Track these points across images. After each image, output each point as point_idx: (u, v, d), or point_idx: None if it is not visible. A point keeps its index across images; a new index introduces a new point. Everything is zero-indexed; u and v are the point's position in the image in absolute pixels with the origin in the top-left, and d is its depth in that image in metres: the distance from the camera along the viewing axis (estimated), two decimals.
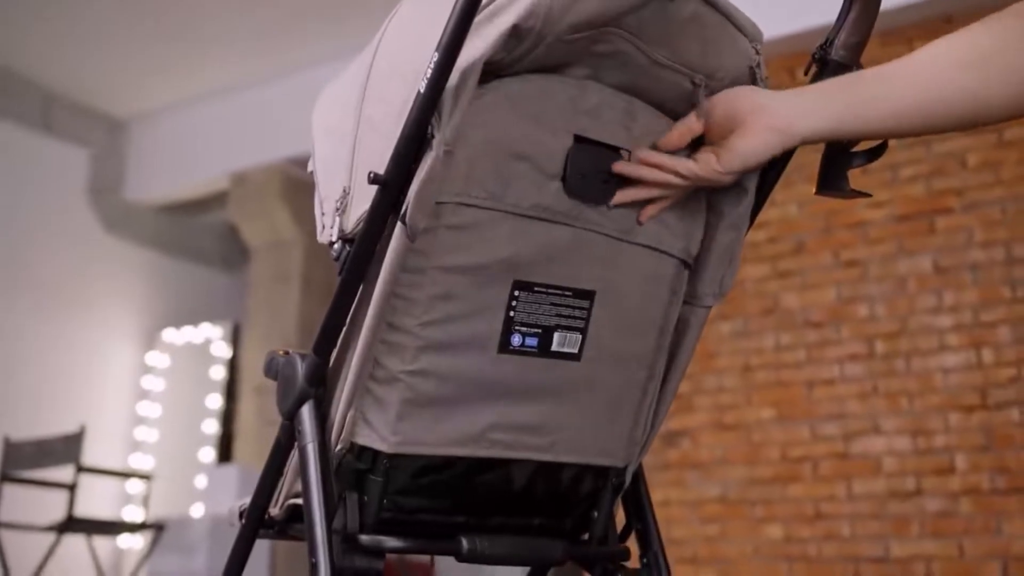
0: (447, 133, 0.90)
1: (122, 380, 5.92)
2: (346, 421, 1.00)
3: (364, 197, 0.96)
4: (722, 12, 1.04)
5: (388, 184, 0.92)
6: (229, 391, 5.97)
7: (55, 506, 4.19)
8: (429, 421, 1.00)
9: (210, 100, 5.80)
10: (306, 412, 1.02)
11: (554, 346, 1.04)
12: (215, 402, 5.99)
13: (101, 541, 4.95)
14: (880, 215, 3.89)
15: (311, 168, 1.16)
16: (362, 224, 0.96)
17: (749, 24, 1.07)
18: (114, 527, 4.72)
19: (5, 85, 5.51)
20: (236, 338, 6.08)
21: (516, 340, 1.02)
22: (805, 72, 1.12)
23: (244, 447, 5.41)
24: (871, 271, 3.89)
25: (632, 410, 1.14)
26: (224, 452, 5.83)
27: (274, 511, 1.12)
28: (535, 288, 1.02)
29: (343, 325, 1.01)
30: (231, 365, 6.04)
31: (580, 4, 0.93)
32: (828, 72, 1.10)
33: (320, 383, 1.03)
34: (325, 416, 1.02)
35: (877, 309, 3.84)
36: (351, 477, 1.01)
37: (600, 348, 1.07)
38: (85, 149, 5.94)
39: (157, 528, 4.38)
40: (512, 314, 1.01)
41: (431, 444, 1.01)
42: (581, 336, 1.05)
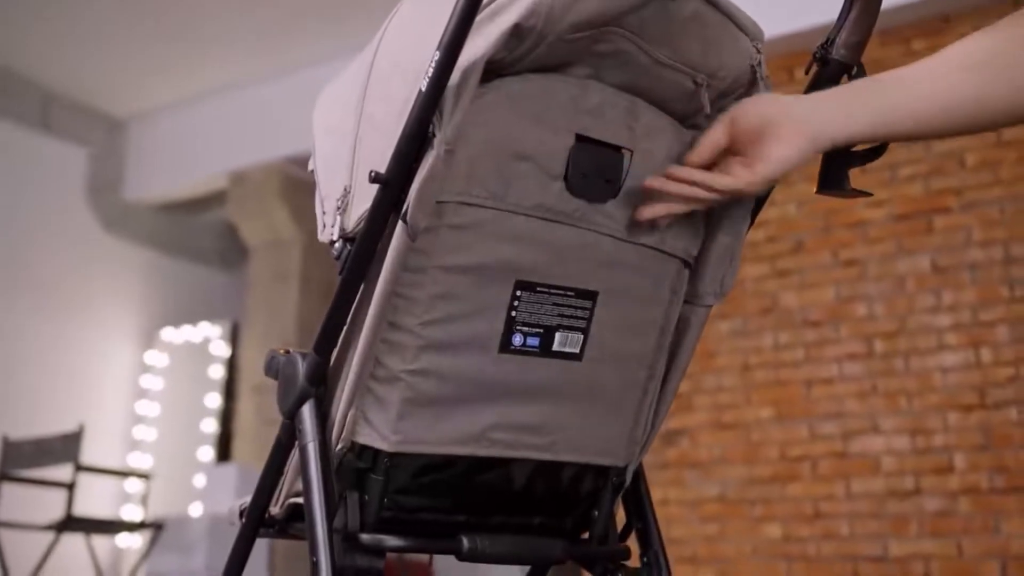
0: (448, 132, 0.90)
1: (121, 379, 5.92)
2: (347, 420, 1.00)
3: (365, 196, 0.97)
4: (723, 11, 1.04)
5: (389, 183, 0.92)
6: (228, 390, 5.97)
7: (54, 505, 4.19)
8: (430, 420, 1.00)
9: (209, 99, 5.79)
10: (307, 411, 1.02)
11: (555, 346, 1.04)
12: (214, 401, 5.99)
13: (100, 540, 4.94)
14: (879, 214, 3.89)
15: (312, 167, 1.16)
16: (363, 223, 0.96)
17: (750, 23, 1.07)
18: (113, 526, 4.72)
19: (4, 84, 5.50)
20: (235, 337, 6.07)
21: (517, 340, 1.02)
22: (806, 71, 1.12)
23: (243, 446, 5.40)
24: (870, 270, 3.89)
25: (633, 409, 1.14)
26: (223, 451, 5.83)
27: (275, 510, 1.12)
28: (537, 288, 1.02)
29: (344, 324, 1.01)
30: (230, 364, 6.04)
31: (581, 3, 0.93)
32: (829, 71, 1.11)
33: (321, 382, 1.03)
34: (326, 415, 1.02)
35: (876, 308, 3.85)
36: (352, 476, 1.01)
37: (601, 348, 1.07)
38: (84, 148, 5.93)
39: (156, 527, 4.38)
40: (514, 314, 1.01)
41: (432, 443, 1.01)
42: (583, 336, 1.05)
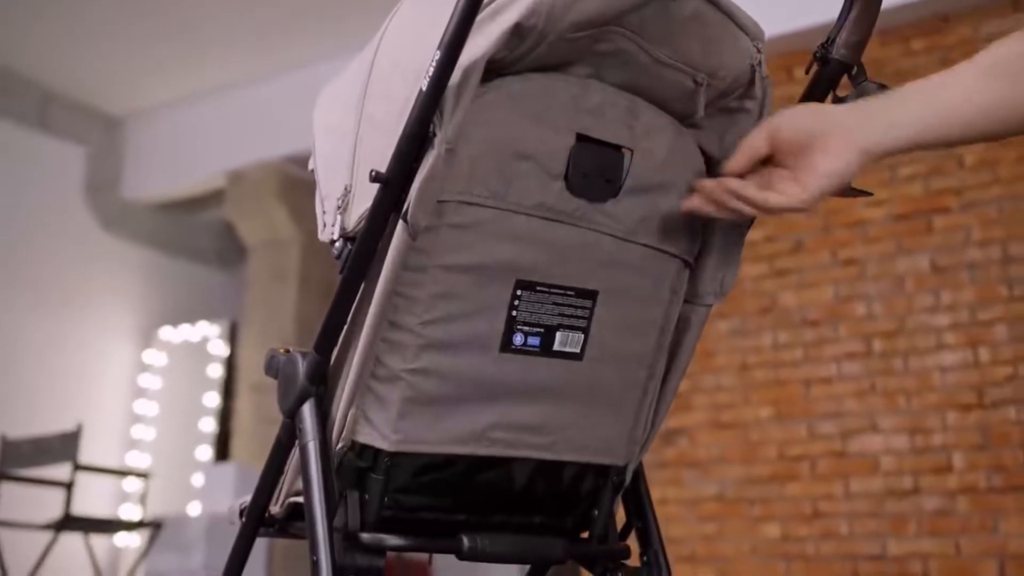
0: (449, 131, 0.90)
1: (119, 378, 5.91)
2: (347, 419, 1.00)
3: (365, 195, 0.96)
4: (723, 11, 1.04)
5: (390, 182, 0.92)
6: (226, 389, 5.96)
7: (52, 504, 4.19)
8: (430, 419, 1.00)
9: (207, 98, 5.78)
10: (307, 410, 1.02)
11: (556, 346, 1.04)
12: (212, 400, 5.99)
13: (98, 539, 4.94)
14: (878, 214, 3.90)
15: (312, 166, 1.15)
16: (363, 222, 0.96)
17: (750, 23, 1.07)
18: (111, 525, 4.72)
19: (2, 84, 5.49)
20: (233, 336, 6.07)
21: (518, 339, 1.02)
22: (806, 71, 1.12)
23: (241, 445, 5.40)
24: (869, 270, 3.89)
25: (633, 409, 1.14)
26: (221, 450, 5.82)
27: (275, 509, 1.12)
28: (538, 288, 1.02)
29: (344, 323, 1.01)
30: (228, 363, 6.03)
31: (582, 3, 0.93)
32: (829, 71, 1.11)
33: (321, 381, 1.03)
34: (326, 414, 1.02)
35: (875, 308, 3.85)
36: (352, 475, 1.01)
37: (602, 348, 1.07)
38: (82, 147, 5.92)
39: (154, 526, 4.38)
40: (514, 313, 1.01)
41: (432, 442, 1.01)
42: (583, 336, 1.05)
